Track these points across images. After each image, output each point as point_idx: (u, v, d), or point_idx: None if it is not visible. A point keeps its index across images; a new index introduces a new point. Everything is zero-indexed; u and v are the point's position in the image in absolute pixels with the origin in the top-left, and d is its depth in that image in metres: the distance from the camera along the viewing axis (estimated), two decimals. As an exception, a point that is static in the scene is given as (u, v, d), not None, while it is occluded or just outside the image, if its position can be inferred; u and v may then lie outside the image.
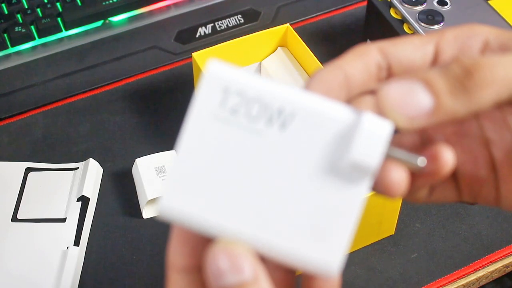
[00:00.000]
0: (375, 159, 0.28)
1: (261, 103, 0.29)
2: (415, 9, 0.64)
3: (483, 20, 0.63)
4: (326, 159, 0.29)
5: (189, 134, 0.29)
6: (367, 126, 0.28)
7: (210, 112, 0.29)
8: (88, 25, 0.76)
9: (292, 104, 0.29)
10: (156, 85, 0.72)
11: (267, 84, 0.29)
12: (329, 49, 0.74)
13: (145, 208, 0.60)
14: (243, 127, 0.29)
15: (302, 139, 0.29)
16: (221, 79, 0.29)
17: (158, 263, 0.58)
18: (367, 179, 0.29)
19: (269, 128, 0.29)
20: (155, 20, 0.77)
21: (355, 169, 0.28)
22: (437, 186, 0.33)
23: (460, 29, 0.32)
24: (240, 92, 0.29)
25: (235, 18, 0.77)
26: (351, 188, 0.29)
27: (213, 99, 0.29)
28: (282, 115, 0.29)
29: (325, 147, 0.29)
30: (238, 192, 0.29)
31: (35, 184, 0.62)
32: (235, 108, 0.29)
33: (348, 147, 0.28)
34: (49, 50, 0.74)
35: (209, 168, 0.29)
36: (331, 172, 0.29)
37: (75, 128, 0.68)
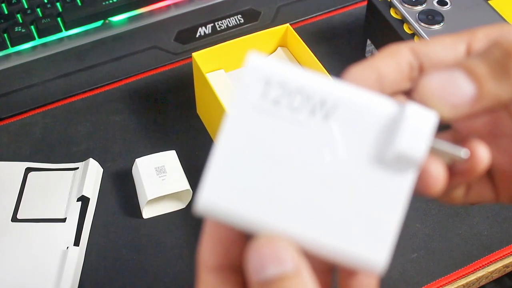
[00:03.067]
0: (421, 150, 0.28)
1: (303, 95, 0.28)
2: (415, 9, 0.64)
3: (483, 20, 0.63)
4: (370, 150, 0.28)
5: (230, 126, 0.28)
6: (411, 117, 0.28)
7: (252, 104, 0.28)
8: (88, 25, 0.76)
9: (334, 95, 0.28)
10: (156, 85, 0.72)
11: (309, 76, 0.29)
12: (329, 49, 0.74)
13: (145, 208, 0.60)
14: (285, 118, 0.28)
15: (345, 130, 0.28)
16: (262, 71, 0.29)
17: (158, 263, 0.58)
18: (413, 170, 0.28)
19: (311, 119, 0.28)
20: (155, 20, 0.77)
21: (400, 160, 0.28)
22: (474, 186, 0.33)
23: (492, 28, 0.31)
24: (282, 83, 0.28)
25: (235, 18, 0.77)
26: (397, 179, 0.28)
27: (254, 90, 0.28)
28: (325, 107, 0.28)
29: (370, 138, 0.28)
30: (280, 185, 0.28)
31: (35, 184, 0.62)
32: (277, 99, 0.28)
33: (393, 138, 0.28)
34: (49, 50, 0.74)
35: (250, 160, 0.28)
36: (376, 164, 0.28)
37: (75, 128, 0.68)
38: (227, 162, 0.28)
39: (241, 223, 0.28)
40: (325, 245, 0.28)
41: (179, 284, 0.57)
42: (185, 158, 0.63)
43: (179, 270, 0.57)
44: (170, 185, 0.59)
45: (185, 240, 0.59)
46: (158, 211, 0.61)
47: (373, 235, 0.28)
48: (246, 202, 0.28)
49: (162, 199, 0.61)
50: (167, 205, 0.61)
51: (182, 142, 0.66)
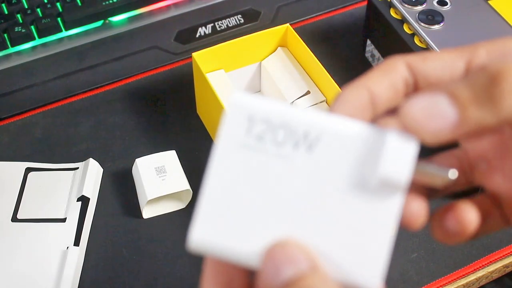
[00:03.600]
0: (404, 173, 0.28)
1: (287, 129, 0.29)
2: (415, 9, 0.64)
3: (483, 20, 0.63)
4: (355, 178, 0.29)
5: (217, 164, 0.29)
6: (393, 143, 0.28)
7: (237, 141, 0.29)
8: (88, 25, 0.76)
9: (316, 127, 0.29)
10: (156, 85, 0.72)
11: (291, 110, 0.29)
12: (329, 49, 0.74)
13: (145, 208, 0.60)
14: (270, 152, 0.29)
15: (329, 160, 0.29)
16: (245, 108, 0.29)
17: (158, 263, 0.58)
18: (399, 194, 0.29)
19: (296, 152, 0.29)
20: (155, 20, 0.77)
21: (385, 185, 0.28)
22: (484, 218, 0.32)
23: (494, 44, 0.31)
24: (265, 119, 0.29)
25: (235, 18, 0.77)
26: (384, 204, 0.29)
27: (239, 128, 0.29)
28: (308, 139, 0.29)
29: (354, 166, 0.29)
30: (270, 219, 0.29)
31: (35, 184, 0.62)
32: (261, 135, 0.29)
33: (376, 164, 0.28)
34: (49, 50, 0.74)
35: (239, 196, 0.29)
36: (362, 191, 0.29)
37: (75, 128, 0.68)
38: (216, 199, 0.29)
39: (234, 258, 0.29)
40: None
41: (179, 284, 0.57)
42: (185, 158, 0.63)
43: (179, 270, 0.57)
44: (170, 185, 0.59)
45: (185, 240, 0.59)
46: (158, 211, 0.61)
47: (365, 262, 0.28)
48: (237, 237, 0.28)
49: (162, 199, 0.61)
50: (167, 205, 0.61)
51: (182, 142, 0.66)
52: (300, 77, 0.65)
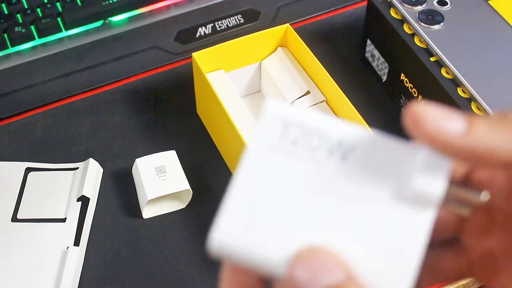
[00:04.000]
0: (439, 187, 0.28)
1: (321, 136, 0.29)
2: (415, 9, 0.64)
3: (483, 20, 0.63)
4: (389, 190, 0.28)
5: (248, 165, 0.28)
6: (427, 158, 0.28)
7: (270, 144, 0.29)
8: (88, 25, 0.76)
9: (352, 136, 0.29)
10: (156, 85, 0.72)
11: (327, 118, 0.29)
12: (329, 49, 0.74)
13: (145, 208, 0.60)
14: (303, 158, 0.29)
15: (363, 170, 0.28)
16: (281, 113, 0.29)
17: (158, 263, 0.58)
18: (431, 208, 0.28)
19: (329, 159, 0.29)
20: (155, 20, 0.77)
21: (419, 197, 0.28)
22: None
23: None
24: (300, 125, 0.29)
25: (235, 18, 0.77)
26: (415, 218, 0.28)
27: (273, 131, 0.29)
28: (343, 147, 0.29)
29: (387, 178, 0.28)
30: (299, 224, 0.28)
31: (35, 184, 0.62)
32: (295, 140, 0.29)
33: (411, 177, 0.28)
34: (49, 50, 0.74)
35: (267, 199, 0.28)
36: (395, 203, 0.28)
37: (75, 128, 0.68)
38: (244, 200, 0.28)
39: (254, 264, 0.28)
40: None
41: (179, 284, 0.57)
42: (185, 158, 0.63)
43: (179, 270, 0.57)
44: (170, 185, 0.59)
45: (185, 240, 0.59)
46: (158, 211, 0.61)
47: (393, 274, 0.27)
48: (261, 243, 0.27)
49: (162, 199, 0.61)
50: (167, 205, 0.61)
51: (182, 142, 0.66)
52: (300, 77, 0.65)
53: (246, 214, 0.28)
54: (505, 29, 0.62)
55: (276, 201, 0.28)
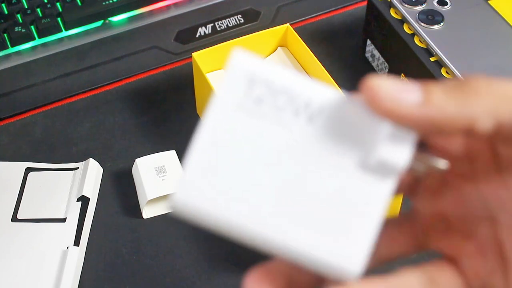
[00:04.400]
0: (404, 158, 0.27)
1: (288, 95, 0.28)
2: (415, 9, 0.64)
3: (483, 20, 0.63)
4: (352, 155, 0.28)
5: (210, 123, 0.27)
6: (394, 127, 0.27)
7: (234, 102, 0.27)
8: (88, 25, 0.76)
9: (320, 99, 0.28)
10: (156, 85, 0.72)
11: (295, 77, 0.28)
12: (329, 49, 0.74)
13: (145, 208, 0.60)
14: (268, 117, 0.27)
15: (328, 135, 0.28)
16: (247, 69, 0.28)
17: (158, 263, 0.58)
18: (394, 178, 0.28)
19: (295, 120, 0.28)
20: (155, 20, 0.77)
21: (382, 167, 0.27)
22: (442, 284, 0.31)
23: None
24: (267, 82, 0.28)
25: (235, 18, 0.77)
26: (376, 186, 0.27)
27: (238, 88, 0.28)
28: (310, 109, 0.28)
29: (352, 144, 0.28)
30: (257, 187, 0.27)
31: (35, 184, 0.62)
32: (261, 98, 0.28)
33: (376, 145, 0.27)
34: (49, 50, 0.74)
35: (229, 160, 0.27)
36: (356, 170, 0.28)
37: (75, 128, 0.68)
38: (204, 162, 0.27)
39: (215, 225, 0.27)
40: (298, 252, 0.27)
41: (179, 284, 0.57)
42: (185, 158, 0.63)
43: (179, 270, 0.57)
44: (170, 185, 0.59)
45: (185, 240, 0.59)
46: (158, 211, 0.61)
47: (348, 243, 0.27)
48: (221, 204, 0.27)
49: (162, 199, 0.61)
50: (167, 205, 0.61)
51: (182, 142, 0.66)
52: (300, 77, 0.65)
53: (207, 175, 0.27)
54: (505, 29, 0.62)
55: (237, 162, 0.27)
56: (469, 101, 0.27)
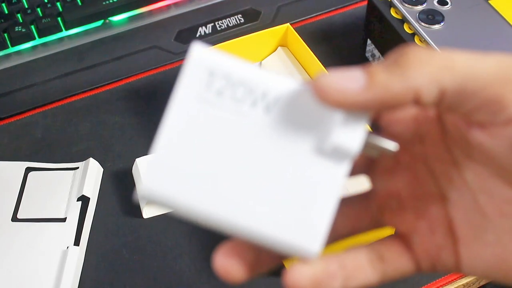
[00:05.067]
0: (356, 143, 0.29)
1: (246, 86, 0.29)
2: (415, 8, 0.64)
3: (484, 20, 0.63)
4: (307, 142, 0.29)
5: (173, 114, 0.29)
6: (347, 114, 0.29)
7: (196, 94, 0.29)
8: (88, 25, 0.76)
9: (275, 89, 0.29)
10: (156, 85, 0.72)
11: (252, 69, 0.30)
12: (329, 48, 0.74)
13: (145, 208, 0.60)
14: (228, 108, 0.29)
15: (284, 123, 0.29)
16: (206, 62, 0.29)
17: (158, 263, 0.58)
18: (347, 161, 0.29)
19: (253, 110, 0.29)
20: (155, 20, 0.77)
21: (336, 152, 0.29)
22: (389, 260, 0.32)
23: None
24: (226, 75, 0.29)
25: (235, 17, 0.77)
26: (331, 170, 0.29)
27: (198, 81, 0.29)
28: (266, 99, 0.29)
29: (307, 130, 0.29)
30: (219, 173, 0.29)
31: (35, 184, 0.62)
32: (220, 90, 0.29)
33: (330, 131, 0.29)
34: (49, 50, 0.74)
35: (192, 149, 0.29)
36: (312, 155, 0.29)
37: (75, 128, 0.68)
38: (170, 151, 0.29)
39: (180, 209, 0.29)
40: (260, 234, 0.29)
41: (179, 284, 0.57)
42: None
43: (179, 269, 0.57)
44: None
45: (185, 239, 0.59)
46: (159, 211, 0.61)
47: (307, 224, 0.29)
48: (185, 189, 0.29)
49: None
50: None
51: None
52: (300, 77, 0.65)
53: (172, 163, 0.29)
54: (505, 28, 0.62)
55: (200, 150, 0.29)
56: (410, 72, 0.28)
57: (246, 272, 0.30)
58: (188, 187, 0.29)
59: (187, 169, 0.29)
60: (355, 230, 0.34)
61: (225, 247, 0.30)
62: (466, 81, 0.28)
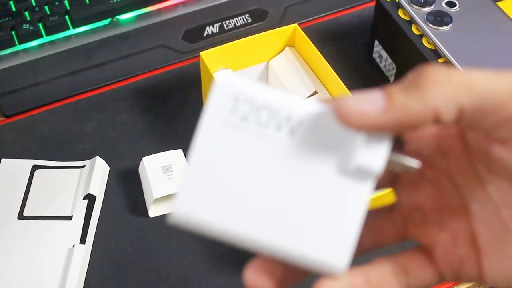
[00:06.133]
0: (379, 163, 0.30)
1: (270, 110, 0.30)
2: (423, 10, 0.64)
3: (491, 22, 0.63)
4: (331, 162, 0.30)
5: (201, 140, 0.30)
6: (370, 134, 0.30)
7: (222, 119, 0.30)
8: (96, 23, 0.76)
9: (300, 111, 0.30)
10: (163, 84, 0.72)
11: (275, 93, 0.31)
12: (336, 49, 0.74)
13: (152, 206, 0.60)
14: (253, 132, 0.30)
15: (308, 145, 0.30)
16: (231, 88, 0.30)
17: (163, 262, 0.58)
18: (371, 180, 0.30)
19: (278, 133, 0.30)
20: (162, 19, 0.77)
21: (360, 172, 0.30)
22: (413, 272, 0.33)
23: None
24: (250, 100, 0.30)
25: (242, 17, 0.77)
26: (356, 189, 0.30)
27: (224, 107, 0.30)
28: (290, 122, 0.30)
29: (331, 151, 0.30)
30: (249, 196, 0.30)
31: (41, 182, 0.62)
32: (245, 115, 0.30)
33: (353, 152, 0.30)
34: (57, 48, 0.74)
35: (221, 173, 0.30)
36: (337, 175, 0.30)
37: (81, 126, 0.68)
38: (198, 175, 0.30)
39: (212, 232, 0.30)
40: (290, 253, 0.30)
41: (184, 283, 0.57)
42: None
43: (184, 268, 0.58)
44: (176, 184, 0.59)
45: (191, 239, 0.59)
46: (165, 209, 0.61)
47: (334, 241, 0.30)
48: (217, 213, 0.30)
49: (169, 198, 0.61)
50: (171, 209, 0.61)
51: (189, 141, 0.65)
52: (308, 77, 0.65)
53: (202, 188, 0.30)
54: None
55: (228, 176, 0.30)
56: (429, 93, 0.28)
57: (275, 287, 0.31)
58: (218, 210, 0.30)
59: (217, 193, 0.30)
60: (379, 243, 0.34)
61: (255, 263, 0.31)
62: (485, 100, 0.28)
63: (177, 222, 0.30)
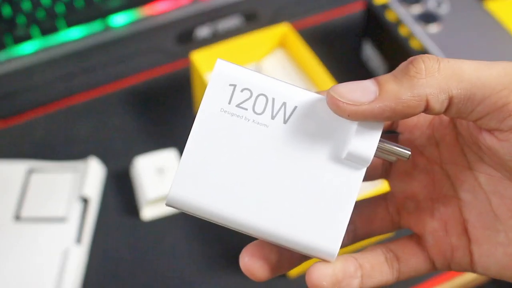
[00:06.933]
0: (371, 150, 0.30)
1: (266, 99, 0.31)
2: (412, 11, 0.65)
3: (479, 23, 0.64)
4: (325, 150, 0.31)
5: (199, 127, 0.31)
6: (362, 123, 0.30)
7: (219, 107, 0.31)
8: (90, 27, 0.76)
9: (293, 99, 0.31)
10: (156, 86, 0.72)
11: (272, 81, 0.32)
12: (327, 49, 0.75)
13: (145, 208, 0.61)
14: (249, 119, 0.31)
15: (302, 132, 0.31)
16: (228, 77, 0.31)
17: (158, 263, 0.58)
18: (363, 168, 0.31)
19: (273, 121, 0.31)
20: (155, 22, 0.77)
21: (352, 159, 0.30)
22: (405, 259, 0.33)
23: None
24: (246, 88, 0.31)
25: (234, 18, 0.78)
26: (348, 176, 0.31)
27: (221, 95, 0.31)
28: (285, 110, 0.31)
29: (324, 139, 0.31)
30: (244, 181, 0.31)
31: (36, 184, 0.62)
32: (242, 102, 0.31)
33: (346, 139, 0.31)
34: (51, 51, 0.74)
35: (217, 158, 0.31)
36: (330, 162, 0.31)
37: (76, 128, 0.68)
38: (195, 160, 0.31)
39: (205, 214, 0.31)
40: (283, 237, 0.31)
41: (180, 284, 0.57)
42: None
43: (179, 269, 0.58)
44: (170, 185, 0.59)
45: (185, 240, 0.60)
46: (159, 211, 0.61)
47: (326, 227, 0.31)
48: (212, 196, 0.31)
49: (162, 200, 0.61)
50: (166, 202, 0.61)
51: (182, 141, 0.66)
52: (299, 77, 0.66)
53: (198, 172, 0.31)
54: (500, 32, 0.63)
55: (224, 161, 0.31)
56: (419, 82, 0.29)
57: (269, 272, 0.32)
58: (214, 194, 0.31)
59: (213, 177, 0.31)
60: (373, 232, 0.35)
61: (250, 248, 0.32)
62: (473, 89, 0.29)
63: (173, 203, 0.31)
